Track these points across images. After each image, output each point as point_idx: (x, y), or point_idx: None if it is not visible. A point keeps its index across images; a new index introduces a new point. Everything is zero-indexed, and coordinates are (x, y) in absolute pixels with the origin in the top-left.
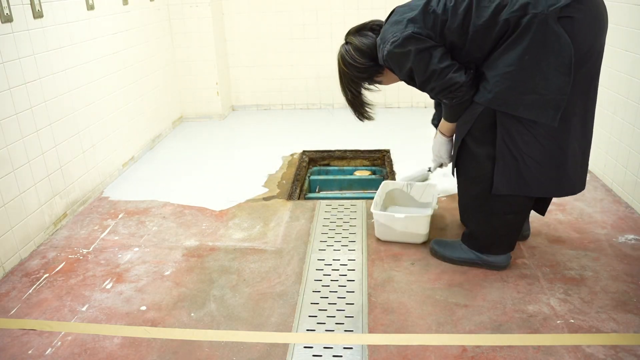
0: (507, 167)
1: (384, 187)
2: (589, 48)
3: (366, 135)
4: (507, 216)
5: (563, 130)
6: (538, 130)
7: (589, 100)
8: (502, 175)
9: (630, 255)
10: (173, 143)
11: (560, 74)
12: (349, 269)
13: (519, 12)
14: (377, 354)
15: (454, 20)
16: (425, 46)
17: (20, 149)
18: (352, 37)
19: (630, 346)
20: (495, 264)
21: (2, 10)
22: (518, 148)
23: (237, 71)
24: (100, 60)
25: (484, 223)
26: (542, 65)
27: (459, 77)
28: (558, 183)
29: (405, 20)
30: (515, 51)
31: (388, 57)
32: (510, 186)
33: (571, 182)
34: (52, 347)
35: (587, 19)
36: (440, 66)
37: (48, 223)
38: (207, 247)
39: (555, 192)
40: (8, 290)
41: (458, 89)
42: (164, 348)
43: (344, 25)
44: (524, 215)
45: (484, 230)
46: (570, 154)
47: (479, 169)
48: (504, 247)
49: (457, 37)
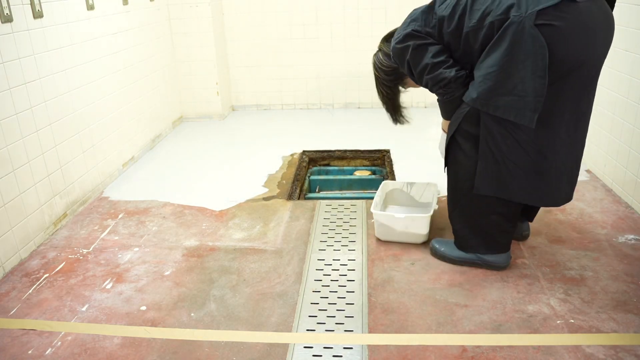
0: (488, 169)
1: (384, 187)
2: (577, 57)
3: (366, 135)
4: (491, 216)
5: (547, 137)
6: (521, 135)
7: (579, 111)
8: (484, 176)
9: (630, 255)
10: (173, 143)
11: (536, 76)
12: (349, 269)
13: (502, 15)
14: (377, 354)
15: (451, 22)
16: (423, 42)
17: (20, 149)
18: (382, 44)
19: (630, 346)
20: (495, 263)
21: (2, 10)
22: (500, 151)
23: (237, 71)
24: (100, 60)
25: (468, 220)
26: (519, 67)
27: (448, 73)
28: (539, 191)
29: (408, 20)
30: (496, 53)
31: (392, 54)
32: (491, 188)
33: (553, 193)
34: (52, 347)
35: (573, 29)
36: (434, 61)
37: (48, 223)
38: (207, 247)
39: (536, 200)
40: (8, 290)
41: (447, 84)
42: (164, 348)
43: (344, 25)
44: (510, 218)
45: (468, 227)
46: (554, 164)
47: (466, 166)
48: (495, 247)
49: (453, 38)
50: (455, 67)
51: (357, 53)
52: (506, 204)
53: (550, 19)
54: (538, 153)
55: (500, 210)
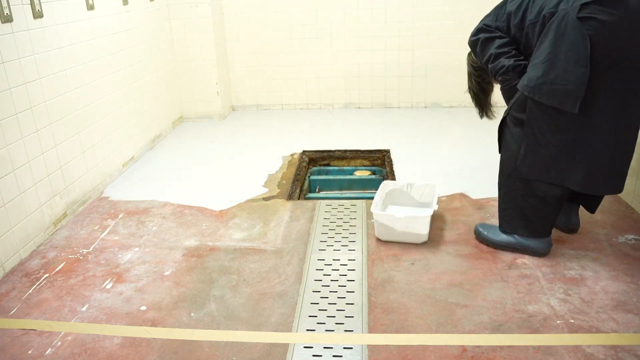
0: (531, 152)
1: (384, 187)
2: (621, 51)
3: (366, 135)
4: (530, 199)
5: (589, 125)
6: (563, 121)
7: (624, 104)
8: (527, 159)
9: (630, 255)
10: (173, 143)
11: (578, 66)
12: (349, 269)
13: (553, 8)
14: (377, 354)
15: (517, 16)
16: (491, 35)
17: (20, 149)
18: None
19: (630, 346)
20: (535, 249)
21: (2, 10)
22: (544, 136)
23: (237, 71)
24: (100, 60)
25: (511, 202)
26: (562, 57)
27: (507, 62)
28: (578, 176)
29: (483, 17)
30: (544, 44)
31: (470, 47)
32: (533, 171)
33: (593, 179)
34: (52, 347)
35: (618, 23)
36: (497, 51)
37: (48, 223)
38: (207, 247)
39: (575, 185)
40: (8, 290)
41: (505, 72)
42: (164, 348)
43: (344, 25)
44: (549, 203)
45: (510, 208)
46: (594, 152)
47: (511, 149)
48: (534, 230)
49: (518, 31)
50: (515, 57)
51: (357, 53)
52: (546, 188)
53: (594, 13)
54: (579, 139)
55: (540, 194)
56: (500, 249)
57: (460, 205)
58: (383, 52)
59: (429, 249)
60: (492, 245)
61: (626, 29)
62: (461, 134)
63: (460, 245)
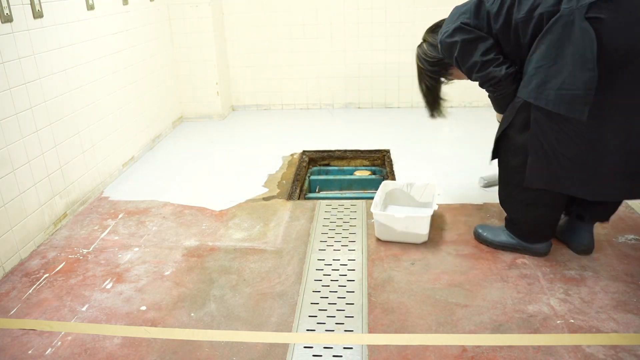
0: (538, 162)
1: (384, 187)
2: (628, 50)
3: (366, 135)
4: (540, 208)
5: (598, 131)
6: (571, 128)
7: (634, 105)
8: (534, 169)
9: (630, 255)
10: (173, 143)
11: (585, 69)
12: (349, 269)
13: (553, 7)
14: (377, 354)
15: (499, 17)
16: (472, 37)
17: (20, 149)
18: (427, 35)
19: (630, 346)
20: (535, 249)
21: (2, 10)
22: (551, 144)
23: (237, 71)
24: (100, 60)
25: (521, 212)
26: (569, 60)
27: (497, 72)
28: (590, 185)
29: (457, 13)
30: (546, 46)
31: (441, 48)
32: (541, 181)
33: (605, 186)
34: (52, 347)
35: (624, 21)
36: (483, 59)
37: (48, 223)
38: (207, 247)
39: (587, 194)
40: (8, 290)
41: (497, 83)
42: (164, 348)
43: (344, 25)
44: (558, 209)
45: (521, 218)
46: (605, 158)
47: (517, 159)
48: (541, 236)
49: (503, 34)
50: (505, 65)
51: (357, 53)
52: (555, 196)
53: (603, 12)
54: (589, 146)
55: (549, 202)
56: (501, 249)
57: (460, 205)
58: (383, 52)
59: (429, 249)
60: (492, 246)
61: (631, 26)
62: (461, 134)
63: (460, 245)
